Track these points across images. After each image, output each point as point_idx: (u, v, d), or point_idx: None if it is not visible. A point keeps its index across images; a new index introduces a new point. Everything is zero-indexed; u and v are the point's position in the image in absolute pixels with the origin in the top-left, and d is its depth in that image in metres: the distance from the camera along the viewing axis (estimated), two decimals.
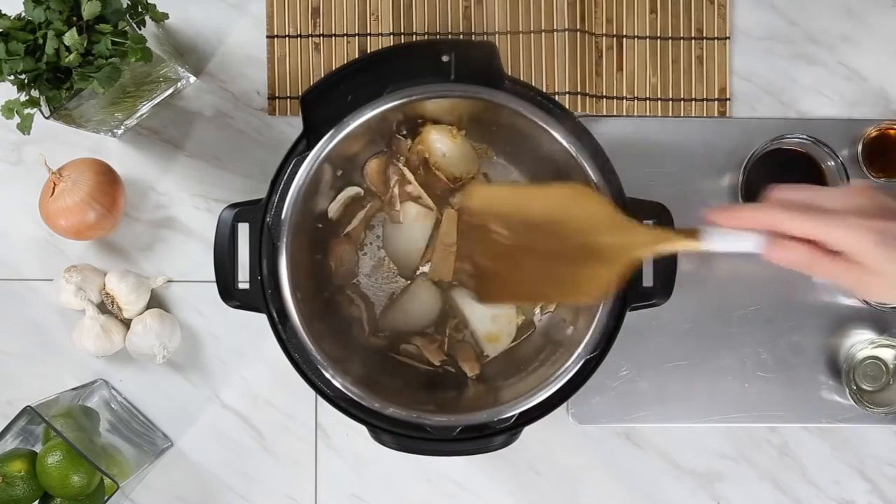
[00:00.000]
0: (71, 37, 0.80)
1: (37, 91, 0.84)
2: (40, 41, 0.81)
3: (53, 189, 0.94)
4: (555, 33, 0.99)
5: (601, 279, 0.73)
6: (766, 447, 1.01)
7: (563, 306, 0.90)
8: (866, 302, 0.95)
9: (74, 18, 0.82)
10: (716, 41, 1.01)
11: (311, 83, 0.98)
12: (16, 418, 0.88)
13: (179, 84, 0.99)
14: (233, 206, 0.83)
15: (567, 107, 0.89)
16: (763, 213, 0.65)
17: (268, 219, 0.82)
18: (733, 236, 0.69)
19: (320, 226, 0.90)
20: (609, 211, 0.73)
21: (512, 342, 0.93)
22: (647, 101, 1.01)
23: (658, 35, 1.00)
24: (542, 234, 0.73)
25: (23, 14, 0.83)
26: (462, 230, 0.77)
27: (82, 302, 0.97)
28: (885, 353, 0.98)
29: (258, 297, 0.82)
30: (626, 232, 0.72)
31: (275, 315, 0.81)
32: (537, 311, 0.92)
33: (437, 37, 1.00)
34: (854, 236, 0.62)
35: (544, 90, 0.96)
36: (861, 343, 0.97)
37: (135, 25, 0.86)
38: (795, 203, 0.65)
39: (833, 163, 0.94)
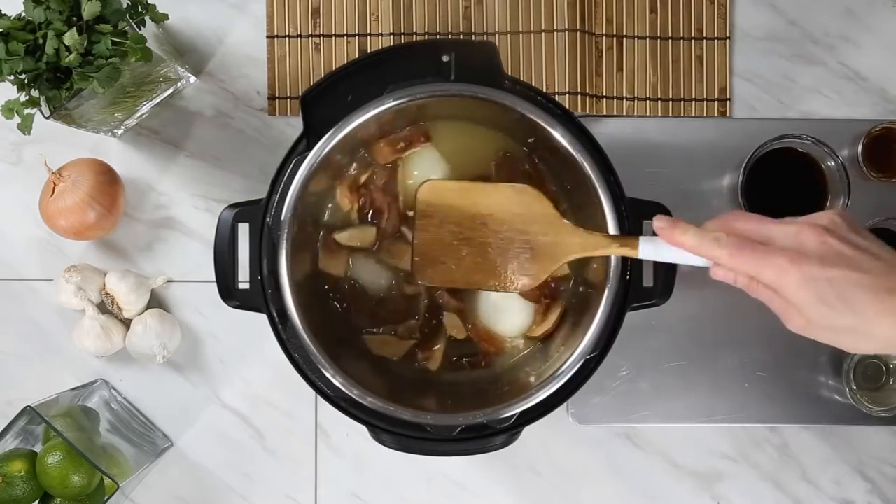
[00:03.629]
0: (71, 37, 0.80)
1: (37, 91, 0.84)
2: (40, 41, 0.81)
3: (53, 189, 0.94)
4: (555, 33, 0.99)
5: (531, 273, 0.80)
6: (766, 447, 1.01)
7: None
8: None
9: (74, 18, 0.82)
10: (716, 41, 1.01)
11: (311, 83, 0.98)
12: (16, 418, 0.88)
13: (179, 84, 0.99)
14: (233, 206, 0.83)
15: (567, 107, 0.89)
16: (705, 243, 0.68)
17: (268, 219, 0.82)
18: (673, 252, 0.72)
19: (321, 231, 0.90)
20: (549, 212, 0.79)
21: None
22: (647, 101, 1.01)
23: (658, 35, 1.01)
24: (485, 227, 0.80)
25: (23, 14, 0.83)
26: (417, 220, 0.82)
27: (82, 302, 0.97)
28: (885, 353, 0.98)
29: (258, 297, 0.82)
30: (561, 233, 0.78)
31: (275, 315, 0.81)
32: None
33: (437, 37, 1.00)
34: (782, 280, 0.65)
35: (544, 90, 0.96)
36: None
37: (135, 25, 0.86)
38: (740, 234, 0.68)
39: (833, 163, 0.94)
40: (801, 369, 1.00)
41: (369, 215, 0.90)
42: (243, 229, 0.82)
